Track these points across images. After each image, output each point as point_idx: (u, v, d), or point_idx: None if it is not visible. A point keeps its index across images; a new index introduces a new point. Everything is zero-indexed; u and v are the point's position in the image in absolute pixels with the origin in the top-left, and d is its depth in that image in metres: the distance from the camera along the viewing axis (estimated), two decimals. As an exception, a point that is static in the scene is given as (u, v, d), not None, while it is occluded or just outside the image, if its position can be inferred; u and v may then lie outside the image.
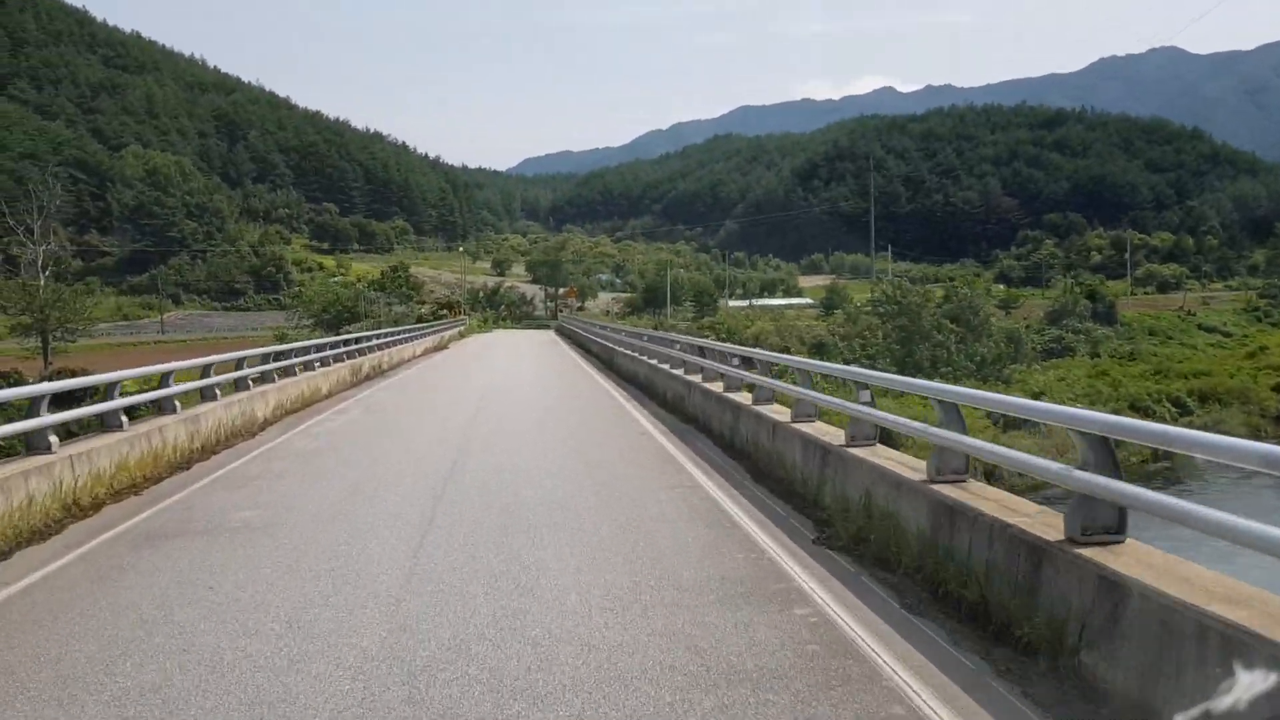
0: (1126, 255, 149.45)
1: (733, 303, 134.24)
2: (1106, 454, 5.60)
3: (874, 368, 43.69)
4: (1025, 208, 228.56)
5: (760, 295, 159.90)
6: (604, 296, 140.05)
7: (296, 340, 61.44)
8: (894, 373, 39.92)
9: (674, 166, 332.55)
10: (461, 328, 60.31)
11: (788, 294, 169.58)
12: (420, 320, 62.69)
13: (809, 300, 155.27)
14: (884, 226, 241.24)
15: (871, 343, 65.92)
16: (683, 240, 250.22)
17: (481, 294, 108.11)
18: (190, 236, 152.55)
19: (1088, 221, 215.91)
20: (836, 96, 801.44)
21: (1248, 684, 2.15)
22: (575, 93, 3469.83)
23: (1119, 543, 5.58)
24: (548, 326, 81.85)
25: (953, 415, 7.68)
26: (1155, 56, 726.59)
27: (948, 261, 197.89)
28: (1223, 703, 2.30)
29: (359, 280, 69.35)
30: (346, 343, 25.11)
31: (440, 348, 41.94)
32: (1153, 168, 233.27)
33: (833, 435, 10.54)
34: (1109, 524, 5.61)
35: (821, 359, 46.09)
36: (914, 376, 22.11)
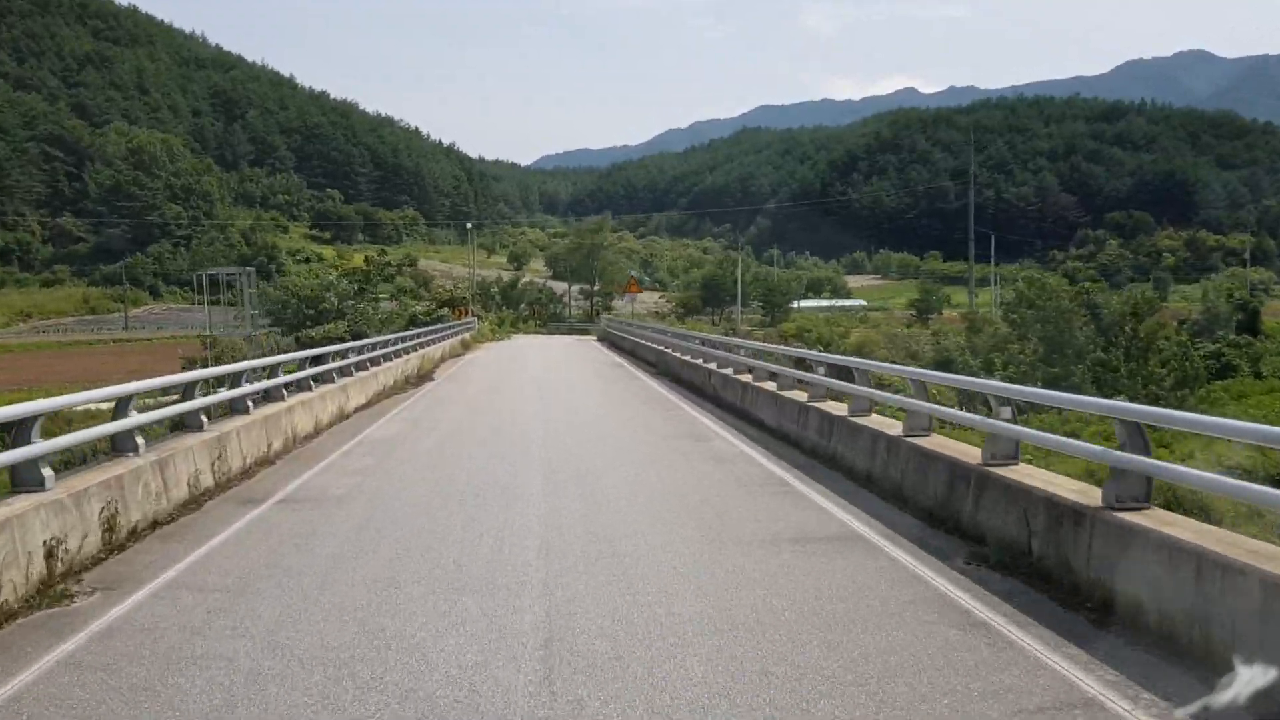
0: (1245, 257, 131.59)
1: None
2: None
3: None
4: (1084, 205, 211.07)
5: (806, 295, 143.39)
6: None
7: (232, 352, 45.32)
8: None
9: (700, 160, 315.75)
10: (468, 334, 44.35)
11: (835, 294, 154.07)
12: (413, 323, 46.50)
13: (862, 301, 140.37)
14: (929, 224, 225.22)
15: (1018, 358, 49.59)
16: (709, 236, 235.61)
17: (495, 288, 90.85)
18: (174, 221, 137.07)
19: (1155, 220, 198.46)
20: (858, 97, 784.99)
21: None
22: (592, 90, 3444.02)
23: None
24: (585, 331, 64.72)
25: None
26: (1183, 59, 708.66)
27: (1004, 261, 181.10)
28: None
29: (335, 268, 52.63)
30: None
31: (419, 378, 24.61)
32: (1223, 164, 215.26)
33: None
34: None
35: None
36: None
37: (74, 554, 7.27)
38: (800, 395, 14.35)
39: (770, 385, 16.23)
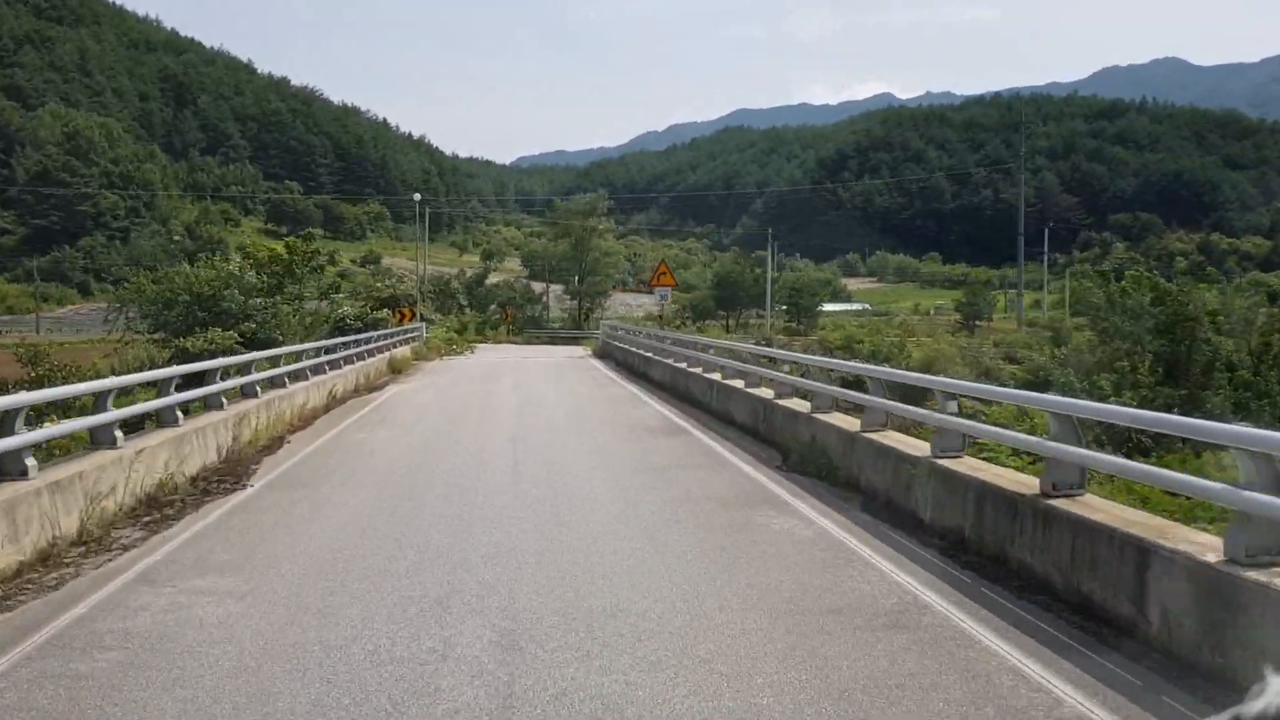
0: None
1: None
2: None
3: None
4: (1087, 205, 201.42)
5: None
6: (619, 297, 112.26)
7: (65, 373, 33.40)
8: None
9: (681, 158, 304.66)
10: (409, 346, 32.77)
11: (834, 297, 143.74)
12: (340, 330, 34.43)
13: (865, 305, 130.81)
14: (924, 225, 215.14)
15: (1130, 377, 37.95)
16: (693, 237, 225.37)
17: (456, 284, 78.08)
18: (109, 212, 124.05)
19: (1163, 221, 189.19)
20: (834, 101, 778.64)
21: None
22: (568, 92, 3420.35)
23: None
24: (575, 340, 52.43)
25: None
26: (1159, 67, 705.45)
27: (1005, 264, 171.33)
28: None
29: (245, 255, 40.41)
30: None
31: (260, 451, 12.45)
32: (1230, 164, 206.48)
33: None
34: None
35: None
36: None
37: None
38: None
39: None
